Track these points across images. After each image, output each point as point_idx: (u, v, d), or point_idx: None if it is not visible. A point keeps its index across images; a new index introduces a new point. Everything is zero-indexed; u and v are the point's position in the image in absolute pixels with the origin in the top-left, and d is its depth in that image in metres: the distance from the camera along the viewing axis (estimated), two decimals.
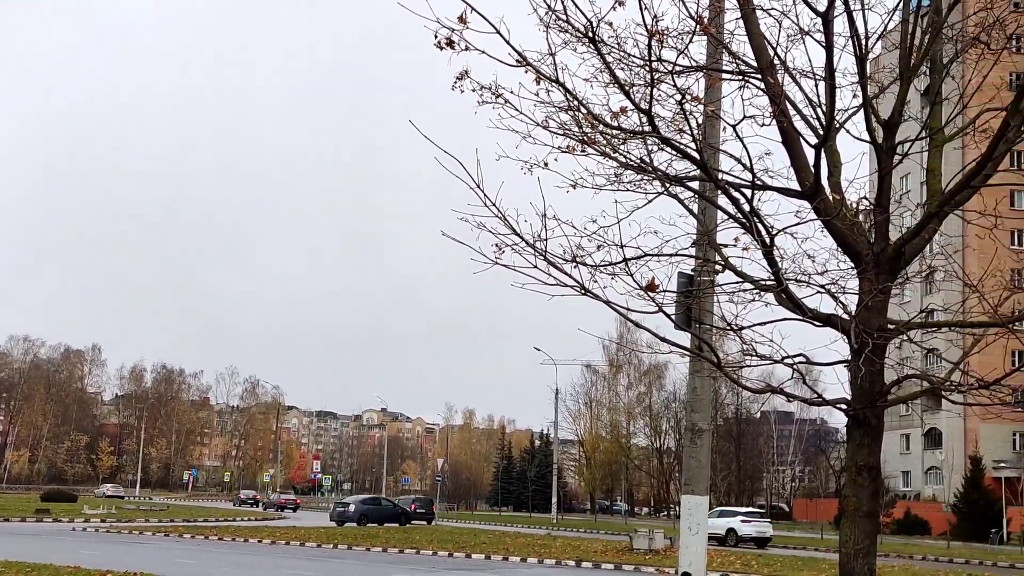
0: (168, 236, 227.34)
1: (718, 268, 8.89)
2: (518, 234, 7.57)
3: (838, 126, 8.25)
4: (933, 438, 79.66)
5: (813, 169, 7.90)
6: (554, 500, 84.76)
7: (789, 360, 8.04)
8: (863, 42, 7.87)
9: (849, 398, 8.17)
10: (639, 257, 7.96)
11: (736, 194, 7.86)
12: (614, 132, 7.78)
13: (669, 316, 8.32)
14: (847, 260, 8.31)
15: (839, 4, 7.59)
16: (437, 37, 7.13)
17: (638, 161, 7.93)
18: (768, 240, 7.81)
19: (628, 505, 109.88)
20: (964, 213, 9.01)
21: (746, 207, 7.83)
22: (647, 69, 7.30)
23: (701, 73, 8.18)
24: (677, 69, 7.64)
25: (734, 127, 7.99)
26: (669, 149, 7.83)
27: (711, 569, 23.38)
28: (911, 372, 8.89)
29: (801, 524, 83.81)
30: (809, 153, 7.99)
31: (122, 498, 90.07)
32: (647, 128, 7.51)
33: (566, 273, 7.71)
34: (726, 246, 8.56)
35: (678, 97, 7.71)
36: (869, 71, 8.13)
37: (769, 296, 8.24)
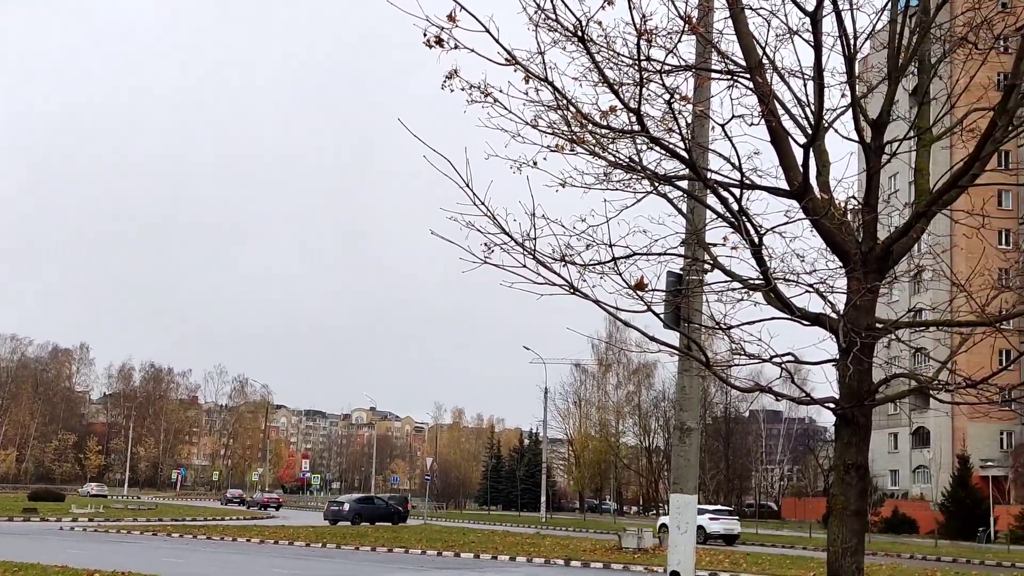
0: (156, 236, 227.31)
1: (707, 267, 8.89)
2: (507, 233, 7.56)
3: (826, 125, 8.26)
4: (921, 437, 79.90)
5: (802, 168, 7.92)
6: (543, 499, 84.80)
7: (777, 359, 8.04)
8: (851, 42, 7.89)
9: (837, 397, 8.19)
10: (628, 256, 7.96)
11: (725, 193, 7.87)
12: (603, 131, 7.78)
13: (658, 315, 8.31)
14: (835, 259, 8.32)
15: (827, 4, 7.60)
16: (426, 35, 7.12)
17: (627, 160, 7.93)
18: (757, 239, 7.82)
19: (617, 504, 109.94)
20: (952, 212, 9.02)
21: (735, 206, 7.84)
22: (636, 68, 7.31)
23: (690, 72, 8.18)
24: (666, 68, 7.64)
25: (723, 126, 7.99)
26: (658, 148, 7.83)
27: (699, 568, 23.39)
28: (899, 371, 8.91)
29: (790, 523, 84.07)
30: (798, 152, 8.00)
31: (106, 497, 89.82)
32: (636, 127, 7.51)
33: (555, 272, 7.71)
34: (715, 245, 8.57)
35: (667, 96, 7.71)
36: (857, 71, 8.15)
37: (758, 295, 8.25)
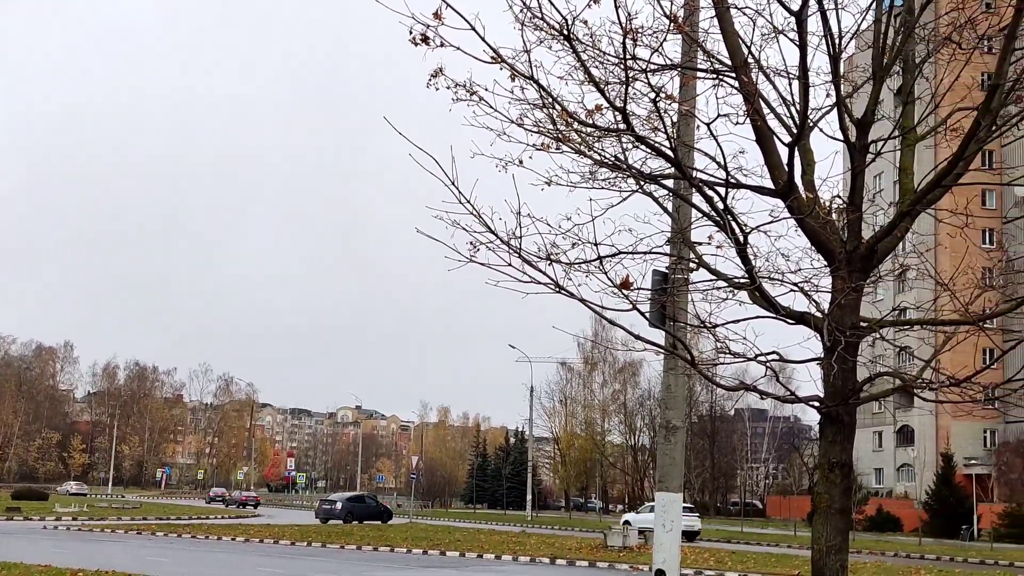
0: (145, 236, 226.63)
1: (692, 266, 8.91)
2: (493, 232, 7.56)
3: (812, 125, 8.28)
4: (905, 435, 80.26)
5: (787, 167, 7.93)
6: (529, 497, 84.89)
7: (762, 358, 8.06)
8: (836, 41, 7.91)
9: (822, 395, 8.21)
10: (613, 255, 7.96)
11: (710, 192, 7.88)
12: (589, 130, 7.78)
13: (643, 314, 8.32)
14: (820, 258, 8.35)
15: (813, 3, 7.62)
16: (412, 33, 7.11)
17: (613, 159, 7.94)
18: (742, 238, 7.83)
19: (602, 502, 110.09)
20: (936, 212, 9.06)
21: (720, 205, 7.85)
22: (622, 67, 7.31)
23: (676, 71, 8.20)
24: (652, 67, 7.64)
25: (708, 125, 8.01)
26: (644, 147, 7.83)
27: (684, 566, 23.47)
28: (883, 370, 8.93)
29: (775, 521, 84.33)
30: (783, 152, 8.02)
31: (85, 495, 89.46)
32: (622, 126, 7.51)
33: (540, 271, 7.71)
34: (700, 244, 8.59)
35: (652, 95, 7.72)
36: (842, 70, 8.16)
37: (743, 294, 8.26)
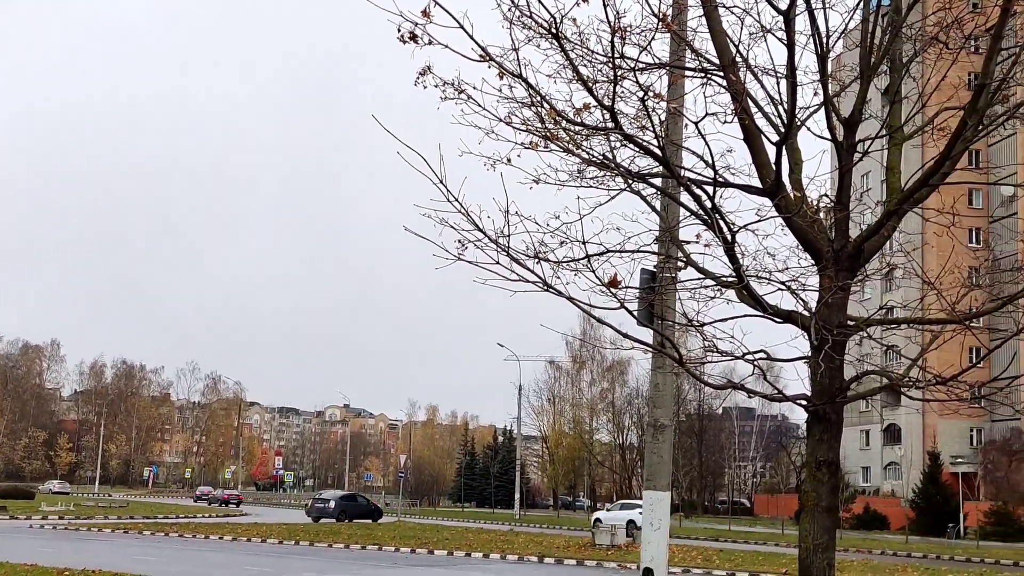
0: (135, 235, 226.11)
1: (680, 265, 8.92)
2: (481, 230, 7.56)
3: (799, 124, 8.29)
4: (892, 434, 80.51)
5: (774, 166, 7.95)
6: (517, 496, 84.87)
7: (750, 356, 8.08)
8: (824, 40, 7.92)
9: (809, 394, 8.23)
10: (601, 253, 7.97)
11: (698, 191, 7.89)
12: (577, 128, 7.78)
13: (631, 312, 8.33)
14: (807, 257, 8.36)
15: (800, 2, 7.64)
16: (400, 31, 7.10)
17: (601, 157, 7.94)
18: (730, 237, 7.84)
19: (591, 501, 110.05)
20: (923, 211, 9.09)
21: (708, 204, 7.86)
22: (610, 66, 7.31)
23: (664, 70, 8.20)
24: (640, 66, 7.65)
25: (696, 124, 8.01)
26: (632, 146, 7.84)
27: (672, 564, 23.49)
28: (870, 368, 8.96)
29: (762, 519, 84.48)
30: (770, 150, 8.03)
31: (68, 494, 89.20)
32: (610, 124, 7.52)
33: (529, 269, 7.71)
34: (688, 243, 8.59)
35: (641, 94, 7.72)
36: (830, 69, 8.18)
37: (731, 293, 8.27)
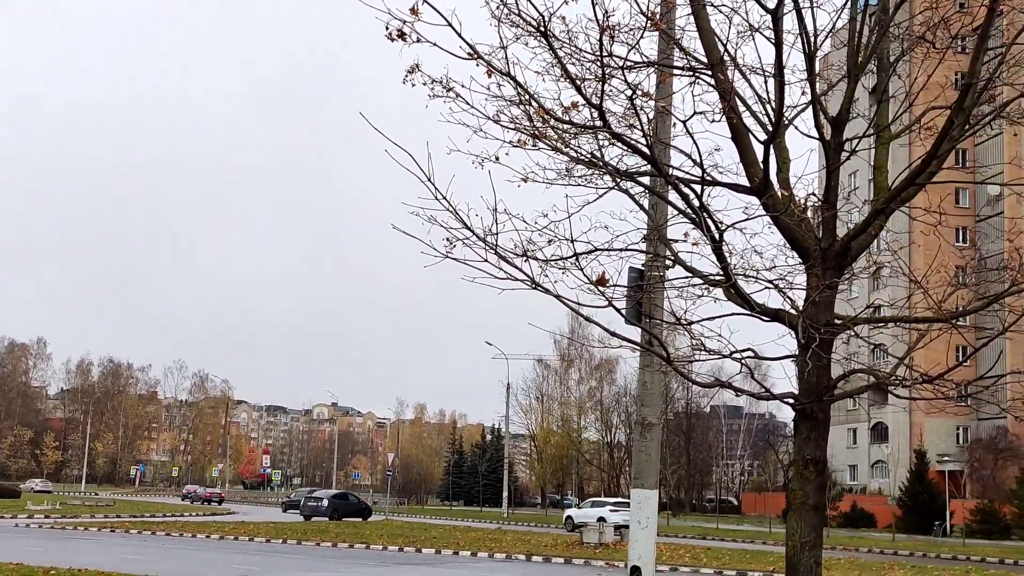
0: (126, 234, 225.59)
1: (668, 263, 8.92)
2: (469, 228, 7.55)
3: (787, 123, 8.31)
4: (879, 432, 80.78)
5: (762, 165, 7.96)
6: (505, 494, 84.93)
7: (738, 355, 8.09)
8: (812, 39, 7.94)
9: (796, 392, 8.24)
10: (590, 252, 7.97)
11: (686, 189, 7.90)
12: (565, 127, 7.78)
13: (619, 311, 8.34)
14: (795, 256, 8.38)
15: (788, 1, 7.65)
16: (388, 29, 7.08)
17: (589, 156, 7.94)
18: (717, 236, 7.85)
19: (578, 499, 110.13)
20: (910, 210, 9.11)
21: (696, 202, 7.87)
22: (598, 64, 7.31)
23: (652, 69, 8.20)
24: (628, 65, 7.65)
25: (684, 123, 8.01)
26: (620, 144, 7.84)
27: (660, 562, 23.52)
28: (858, 367, 8.98)
29: (750, 518, 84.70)
30: (758, 149, 8.04)
31: (50, 493, 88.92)
32: (598, 123, 7.52)
33: (517, 267, 7.70)
34: (676, 241, 8.60)
35: (629, 92, 7.72)
36: (818, 68, 8.20)
37: (718, 291, 8.28)
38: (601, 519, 50.14)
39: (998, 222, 64.59)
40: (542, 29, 7.22)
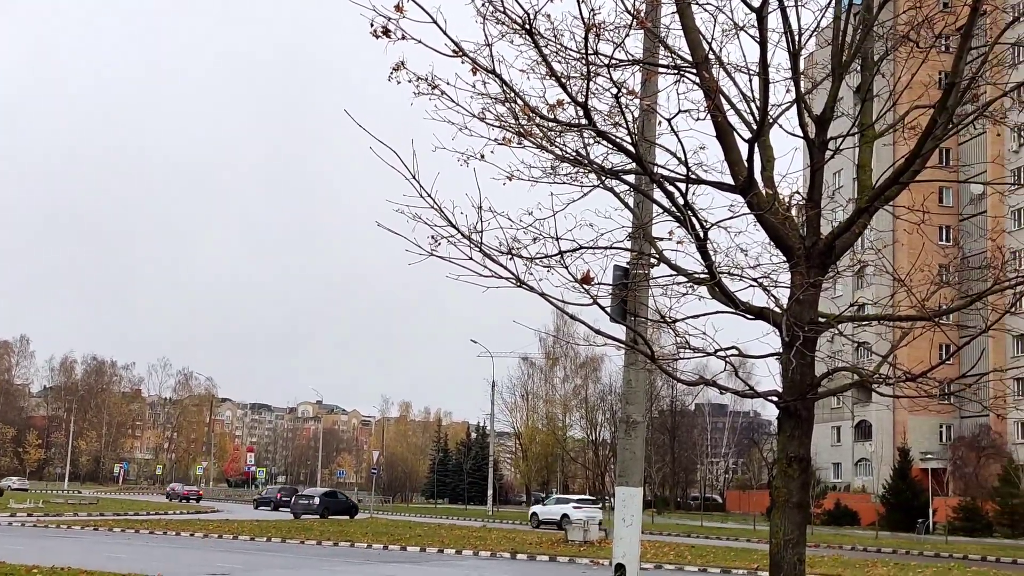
0: (100, 228, 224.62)
1: (653, 261, 8.93)
2: (454, 226, 7.54)
3: (771, 121, 8.32)
4: (863, 430, 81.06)
5: (747, 163, 7.97)
6: (490, 492, 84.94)
7: (722, 353, 8.10)
8: (796, 38, 7.96)
9: (780, 390, 8.26)
10: (574, 250, 7.97)
11: (671, 188, 7.90)
12: (550, 125, 7.77)
13: (604, 309, 8.33)
14: (779, 254, 8.39)
15: (773, 0, 7.66)
16: (373, 25, 7.05)
17: (574, 154, 7.94)
18: (702, 234, 7.86)
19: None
20: (894, 208, 9.14)
21: (680, 201, 7.87)
22: (584, 62, 7.31)
23: (637, 67, 8.21)
24: (613, 63, 7.65)
25: (669, 121, 8.01)
26: (605, 142, 7.84)
27: (644, 560, 23.55)
28: (841, 365, 9.00)
29: (734, 515, 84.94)
30: (743, 148, 8.05)
31: (27, 491, 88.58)
32: (583, 121, 7.51)
33: (501, 265, 7.70)
34: (661, 239, 8.61)
35: (614, 91, 7.72)
36: (802, 67, 8.22)
37: (703, 289, 8.30)
38: (565, 515, 52.14)
39: (981, 221, 64.81)
40: (527, 27, 7.20)
